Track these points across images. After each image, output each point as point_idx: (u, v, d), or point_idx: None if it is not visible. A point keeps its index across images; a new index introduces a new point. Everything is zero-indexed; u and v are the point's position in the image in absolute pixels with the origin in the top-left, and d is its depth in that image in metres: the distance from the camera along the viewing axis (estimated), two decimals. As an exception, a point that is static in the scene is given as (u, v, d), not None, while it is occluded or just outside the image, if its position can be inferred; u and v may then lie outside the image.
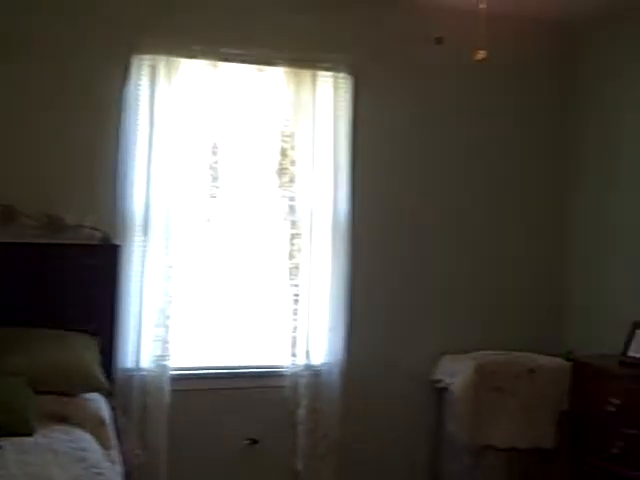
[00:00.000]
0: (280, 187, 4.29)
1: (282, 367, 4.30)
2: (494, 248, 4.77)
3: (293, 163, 4.29)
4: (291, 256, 4.29)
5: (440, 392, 4.50)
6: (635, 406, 3.57)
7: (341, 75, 4.37)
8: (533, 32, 4.72)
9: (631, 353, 3.85)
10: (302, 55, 4.25)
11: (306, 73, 4.29)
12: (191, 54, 4.08)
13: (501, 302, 4.75)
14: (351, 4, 4.36)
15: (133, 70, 4.02)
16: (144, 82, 4.03)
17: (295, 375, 4.28)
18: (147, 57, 4.02)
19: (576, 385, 3.99)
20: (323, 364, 4.34)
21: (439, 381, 4.48)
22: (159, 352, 4.02)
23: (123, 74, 4.01)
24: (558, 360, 4.35)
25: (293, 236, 4.29)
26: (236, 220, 4.32)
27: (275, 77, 4.27)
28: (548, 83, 4.84)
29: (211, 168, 4.15)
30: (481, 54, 3.01)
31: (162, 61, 4.04)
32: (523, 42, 4.68)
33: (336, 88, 4.37)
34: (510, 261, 4.80)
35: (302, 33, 4.28)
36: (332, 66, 4.34)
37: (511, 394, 4.25)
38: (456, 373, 4.29)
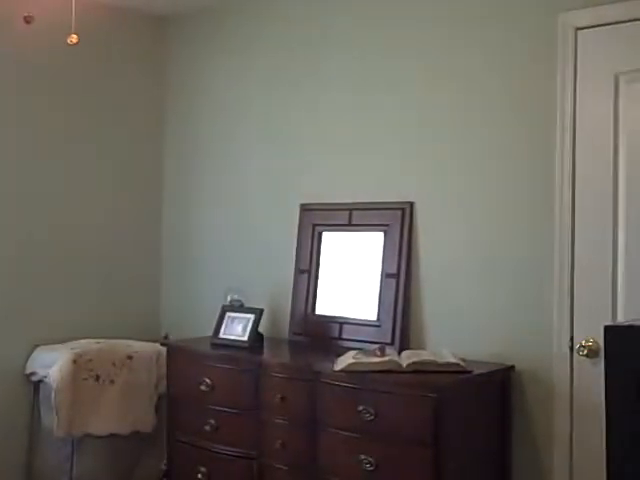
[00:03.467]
0: None
1: None
2: (91, 235, 4.72)
3: None
4: None
5: (36, 385, 4.35)
6: (224, 384, 3.79)
7: None
8: (125, 21, 4.82)
9: (221, 335, 4.06)
10: None
11: None
12: None
13: (98, 291, 4.73)
14: None
15: None
16: None
17: None
18: None
19: (171, 368, 4.11)
20: None
21: (33, 374, 4.32)
22: None
23: None
24: (155, 345, 4.45)
25: None
26: None
27: None
28: (138, 74, 4.94)
29: None
30: (74, 38, 3.05)
31: None
32: (115, 31, 4.76)
33: None
34: (105, 251, 4.78)
35: None
36: None
37: (110, 381, 4.25)
38: (52, 364, 4.18)
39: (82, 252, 4.68)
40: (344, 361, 3.33)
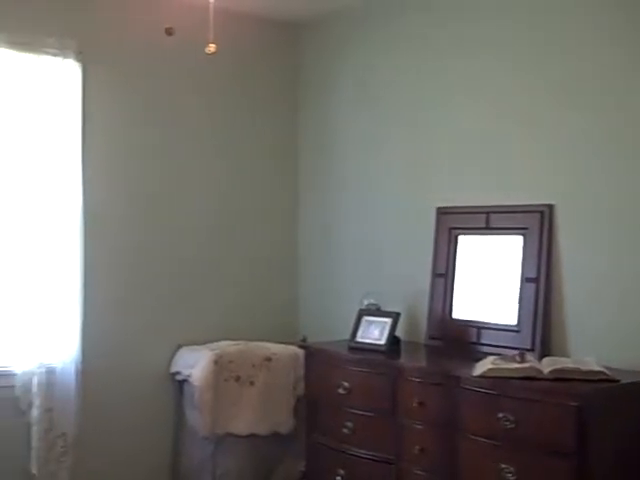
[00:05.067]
0: (10, 176, 4.08)
1: (12, 366, 4.08)
2: (230, 237, 4.86)
3: (22, 153, 4.08)
4: (23, 251, 4.09)
5: (180, 384, 4.52)
6: (361, 388, 3.80)
7: (68, 61, 4.19)
8: (260, 29, 4.95)
9: (358, 338, 4.08)
10: (25, 37, 4.04)
11: (30, 57, 4.08)
12: None
13: (238, 291, 4.87)
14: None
15: None
16: None
17: (27, 374, 4.07)
18: None
19: (309, 371, 4.16)
20: (58, 362, 4.16)
21: (177, 373, 4.49)
22: None
23: None
24: (292, 348, 4.53)
25: (24, 230, 4.09)
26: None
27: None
28: (272, 80, 5.06)
29: None
30: (212, 48, 3.11)
31: None
32: (250, 38, 4.88)
33: (63, 75, 4.18)
34: (247, 250, 4.92)
35: (27, 15, 4.08)
36: (58, 51, 4.16)
37: (249, 383, 4.36)
38: (194, 364, 4.33)
39: (222, 256, 4.83)
40: (483, 366, 3.27)
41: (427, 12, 4.30)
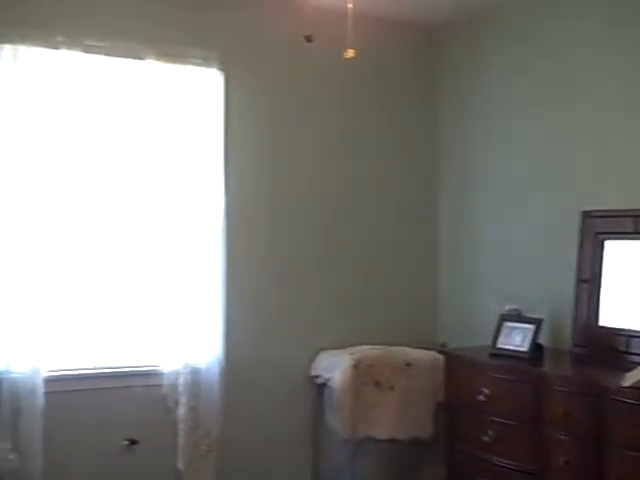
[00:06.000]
0: (152, 182, 4.25)
1: (160, 366, 4.25)
2: (369, 244, 4.88)
3: (165, 157, 4.24)
4: (169, 253, 4.25)
5: (319, 387, 4.57)
6: (503, 395, 3.73)
7: (212, 71, 4.35)
8: (398, 33, 4.93)
9: (499, 345, 4.01)
10: (172, 49, 4.22)
11: (176, 68, 4.26)
12: (53, 45, 3.96)
13: (377, 297, 4.88)
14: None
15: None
16: (3, 72, 3.87)
17: (174, 373, 4.24)
18: (7, 47, 3.86)
19: (449, 377, 4.12)
20: (202, 362, 4.31)
21: (317, 377, 4.54)
22: (30, 354, 3.89)
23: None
24: (432, 353, 4.50)
25: (169, 233, 4.25)
26: (108, 215, 4.25)
27: (144, 71, 4.21)
28: (411, 83, 5.05)
29: (72, 161, 4.10)
30: (350, 53, 3.11)
31: (23, 51, 3.89)
32: (389, 42, 4.89)
33: (207, 84, 4.34)
34: (384, 257, 4.93)
35: (172, 27, 4.26)
36: (202, 61, 4.31)
37: (389, 388, 4.36)
38: (334, 368, 4.37)
39: (362, 263, 4.86)
40: (633, 377, 3.14)
41: (580, 9, 4.16)
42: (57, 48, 3.98)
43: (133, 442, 4.20)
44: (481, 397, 3.80)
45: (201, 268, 4.32)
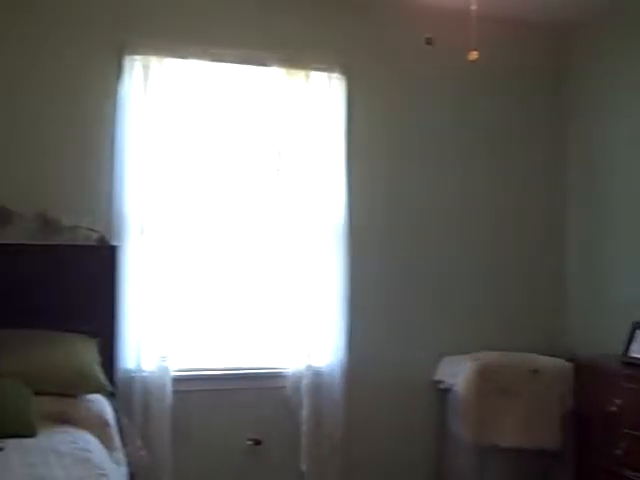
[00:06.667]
0: (276, 187, 4.31)
1: (284, 368, 4.31)
2: (495, 248, 4.78)
3: (289, 163, 4.30)
4: (291, 257, 4.30)
5: (442, 392, 4.51)
6: (636, 406, 3.57)
7: (334, 75, 4.38)
8: (522, 33, 4.78)
9: (632, 353, 3.84)
10: (295, 55, 4.28)
11: (299, 73, 4.31)
12: (182, 55, 4.09)
13: (501, 302, 4.77)
14: (344, 4, 4.38)
15: (126, 70, 4.04)
16: (137, 82, 4.04)
17: (297, 376, 4.29)
18: (139, 57, 4.04)
19: (579, 386, 3.98)
20: (324, 365, 4.35)
21: (441, 382, 4.49)
22: (160, 353, 4.03)
23: (116, 74, 4.04)
24: (560, 360, 4.35)
25: (292, 236, 4.30)
26: (235, 221, 4.34)
27: (268, 77, 4.28)
28: (537, 84, 4.90)
29: (205, 168, 4.20)
30: (474, 55, 3.06)
31: (153, 61, 4.05)
32: (512, 43, 4.74)
33: (330, 88, 4.38)
34: (511, 261, 4.81)
35: (295, 33, 4.32)
36: (325, 66, 4.35)
37: (515, 395, 4.25)
38: (458, 374, 4.30)
39: (486, 268, 4.77)
40: None
41: None
42: (186, 58, 4.11)
43: (257, 442, 4.27)
44: (613, 408, 3.66)
45: (325, 274, 4.35)
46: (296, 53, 4.28)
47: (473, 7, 3.25)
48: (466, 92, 4.72)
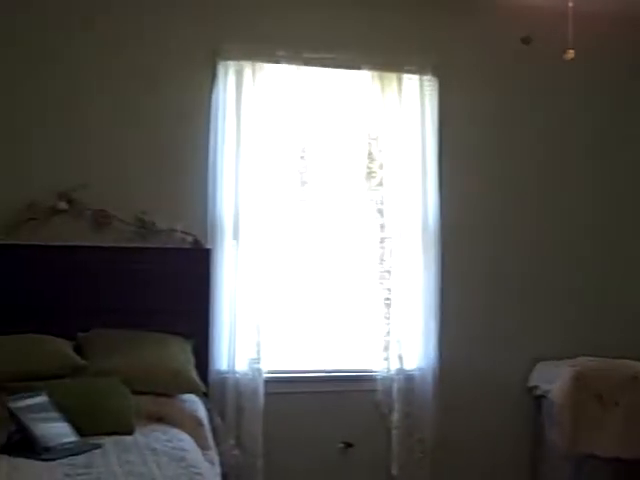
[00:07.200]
0: (368, 190, 4.30)
1: (375, 371, 4.29)
2: (588, 251, 4.66)
3: (381, 166, 4.29)
4: (382, 260, 4.29)
5: (537, 399, 4.41)
6: None
7: (426, 77, 4.35)
8: (621, 29, 4.61)
9: None
10: (387, 58, 4.26)
11: (391, 76, 4.29)
12: (275, 59, 4.13)
13: (596, 306, 4.64)
14: (434, 5, 4.34)
15: (219, 76, 4.09)
16: (230, 87, 4.09)
17: (388, 379, 4.27)
18: (232, 63, 4.09)
19: (681, 394, 3.83)
20: (416, 368, 4.31)
21: (535, 388, 4.39)
22: (253, 355, 4.07)
23: (210, 79, 4.10)
24: (662, 367, 4.19)
25: (383, 239, 4.29)
26: (325, 224, 4.35)
27: (360, 80, 4.28)
28: (633, 82, 4.74)
29: (299, 172, 4.20)
30: (570, 54, 2.99)
31: (247, 66, 4.09)
32: (611, 39, 4.59)
33: (422, 90, 4.34)
34: (605, 265, 4.69)
35: (386, 36, 4.30)
36: (417, 68, 4.32)
37: (613, 402, 4.11)
38: (553, 380, 4.19)
39: (581, 272, 4.64)
40: None
41: None
42: (278, 62, 4.14)
43: (348, 445, 4.27)
44: None
45: (416, 276, 4.32)
46: (389, 56, 4.26)
47: (570, 4, 3.19)
48: (558, 92, 4.59)
